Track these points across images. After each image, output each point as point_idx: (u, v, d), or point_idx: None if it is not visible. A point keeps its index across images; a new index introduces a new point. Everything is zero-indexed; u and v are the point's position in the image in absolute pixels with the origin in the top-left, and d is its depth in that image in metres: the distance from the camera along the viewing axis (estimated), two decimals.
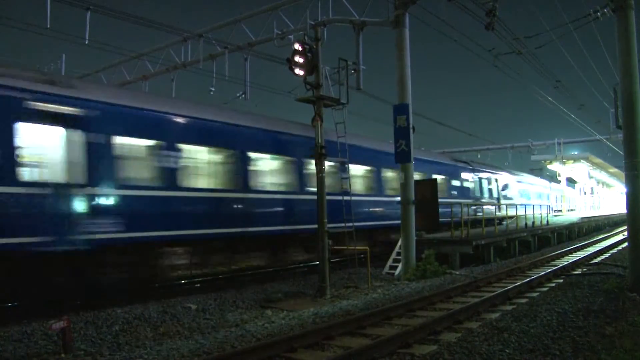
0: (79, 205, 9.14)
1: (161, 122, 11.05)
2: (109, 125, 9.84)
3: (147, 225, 10.32)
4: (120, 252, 10.00)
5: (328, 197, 11.90)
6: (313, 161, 11.98)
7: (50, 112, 8.79)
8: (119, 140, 10.01)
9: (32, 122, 8.58)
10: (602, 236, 27.28)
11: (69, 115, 9.06)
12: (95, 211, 9.39)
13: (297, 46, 11.43)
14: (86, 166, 9.26)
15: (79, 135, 9.18)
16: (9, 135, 8.36)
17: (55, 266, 9.00)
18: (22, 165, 8.48)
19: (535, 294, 10.15)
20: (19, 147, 8.43)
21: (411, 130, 13.73)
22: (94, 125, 9.47)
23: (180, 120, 11.53)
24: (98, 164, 9.49)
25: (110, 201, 9.74)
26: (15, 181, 8.36)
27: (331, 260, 11.92)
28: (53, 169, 8.85)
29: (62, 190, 8.87)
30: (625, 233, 12.71)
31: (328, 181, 12.56)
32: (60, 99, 9.03)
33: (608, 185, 64.71)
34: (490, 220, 21.04)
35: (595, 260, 15.92)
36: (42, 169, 8.77)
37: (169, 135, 11.02)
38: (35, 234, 8.47)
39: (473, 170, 26.03)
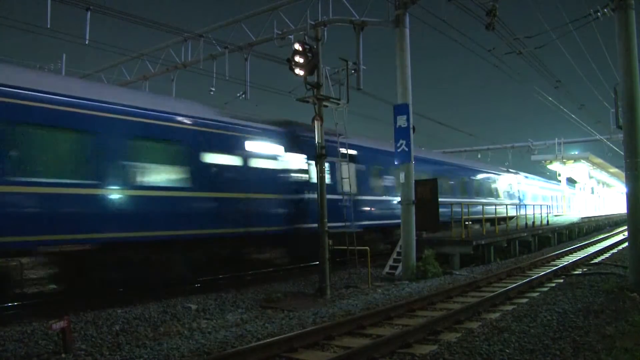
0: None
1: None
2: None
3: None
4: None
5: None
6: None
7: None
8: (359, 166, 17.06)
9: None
10: (602, 236, 27.29)
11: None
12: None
13: (297, 46, 11.43)
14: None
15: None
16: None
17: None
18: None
19: (535, 294, 10.16)
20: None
21: (411, 130, 13.72)
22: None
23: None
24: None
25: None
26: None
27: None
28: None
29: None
30: (626, 233, 12.71)
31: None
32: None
33: (608, 185, 64.66)
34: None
35: (596, 260, 15.93)
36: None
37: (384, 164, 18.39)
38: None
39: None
